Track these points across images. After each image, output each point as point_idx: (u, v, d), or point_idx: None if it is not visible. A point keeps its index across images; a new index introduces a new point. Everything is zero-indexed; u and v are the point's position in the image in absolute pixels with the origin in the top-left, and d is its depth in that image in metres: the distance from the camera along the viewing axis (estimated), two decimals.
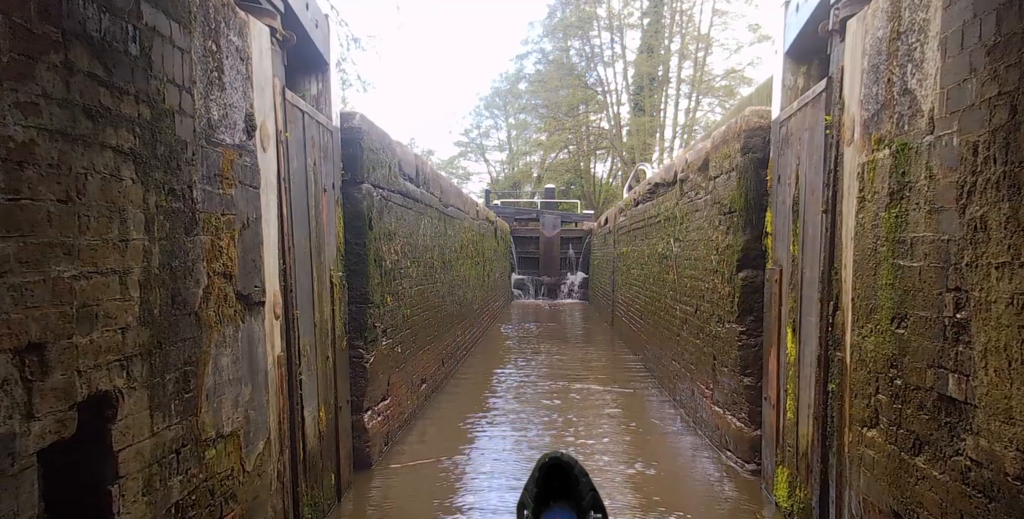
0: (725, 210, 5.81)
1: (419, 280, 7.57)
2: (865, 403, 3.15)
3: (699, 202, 6.92)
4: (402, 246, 6.69)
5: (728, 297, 5.68)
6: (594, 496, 3.41)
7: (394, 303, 6.32)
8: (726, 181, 5.83)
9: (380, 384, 5.83)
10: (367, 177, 5.49)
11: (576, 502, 3.43)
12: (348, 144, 5.32)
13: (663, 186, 9.13)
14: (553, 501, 3.50)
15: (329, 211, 4.85)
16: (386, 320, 6.01)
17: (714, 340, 6.15)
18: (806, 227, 4.18)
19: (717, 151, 6.12)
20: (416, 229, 7.46)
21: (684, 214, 7.69)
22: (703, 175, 6.78)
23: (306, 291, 4.23)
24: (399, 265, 6.55)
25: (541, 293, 25.99)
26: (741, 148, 5.39)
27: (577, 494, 3.42)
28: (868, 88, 3.21)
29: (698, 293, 6.85)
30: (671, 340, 8.34)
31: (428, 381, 8.08)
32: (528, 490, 3.44)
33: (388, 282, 6.08)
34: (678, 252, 8.02)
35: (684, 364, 7.51)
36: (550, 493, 3.50)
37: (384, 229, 5.98)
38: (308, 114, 4.40)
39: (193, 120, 2.73)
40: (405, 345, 6.79)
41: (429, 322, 8.18)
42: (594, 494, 3.41)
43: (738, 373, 5.45)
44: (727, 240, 5.75)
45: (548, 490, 3.49)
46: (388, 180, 6.16)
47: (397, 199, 6.53)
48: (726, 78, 37.99)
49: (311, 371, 4.27)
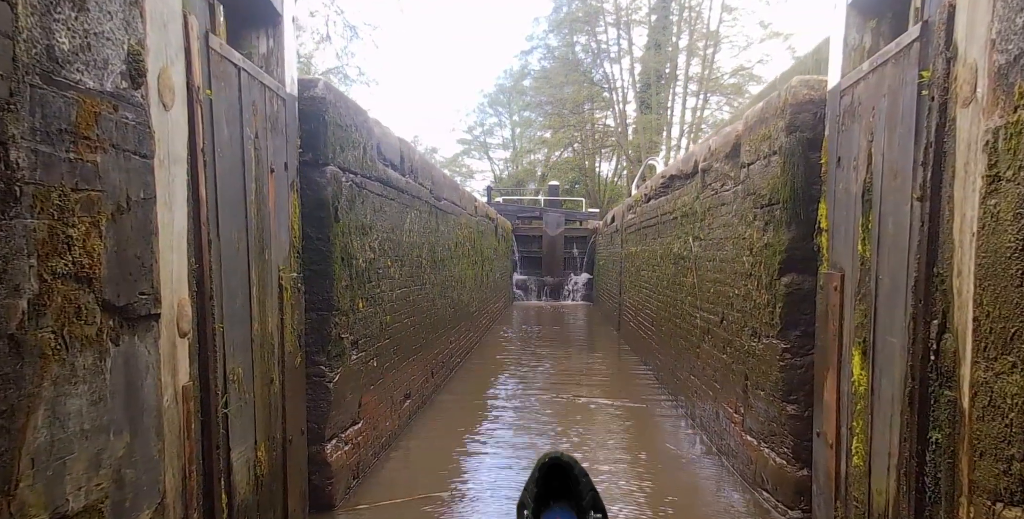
0: (763, 202, 4.86)
1: (403, 281, 6.63)
2: (1000, 468, 2.20)
3: (726, 194, 5.97)
4: (380, 242, 5.75)
5: (766, 306, 4.73)
6: (594, 496, 3.35)
7: (369, 309, 5.38)
8: (764, 168, 4.88)
9: (348, 406, 4.89)
10: (333, 158, 4.55)
11: (576, 502, 3.38)
12: (309, 117, 4.38)
13: (680, 178, 8.18)
14: (553, 501, 3.45)
15: (279, 197, 3.91)
16: (357, 329, 5.07)
17: (746, 356, 5.20)
18: (884, 221, 3.23)
19: (752, 133, 5.17)
20: (400, 223, 6.52)
21: (706, 209, 6.74)
22: (732, 163, 5.83)
23: (238, 298, 3.29)
24: (376, 264, 5.61)
25: (544, 294, 25.06)
26: (786, 126, 4.44)
27: (577, 494, 3.37)
28: (1006, 20, 2.26)
29: (725, 300, 5.90)
30: (689, 352, 7.39)
31: (414, 396, 7.14)
32: (528, 490, 3.39)
33: (361, 284, 5.14)
34: (698, 252, 7.07)
35: (705, 381, 6.56)
36: (550, 493, 3.44)
37: (356, 222, 5.04)
38: (248, 72, 3.47)
39: (10, 42, 1.80)
40: (383, 357, 5.85)
41: (415, 329, 7.24)
42: (594, 494, 3.36)
43: (779, 399, 4.50)
44: (765, 238, 4.80)
45: (548, 490, 3.43)
46: (362, 164, 5.22)
47: (375, 187, 5.59)
48: (734, 76, 37.14)
49: (245, 401, 3.34)
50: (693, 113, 36.99)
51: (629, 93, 37.83)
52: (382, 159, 5.85)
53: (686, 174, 7.77)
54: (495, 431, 6.97)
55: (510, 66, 50.92)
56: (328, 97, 4.46)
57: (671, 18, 36.54)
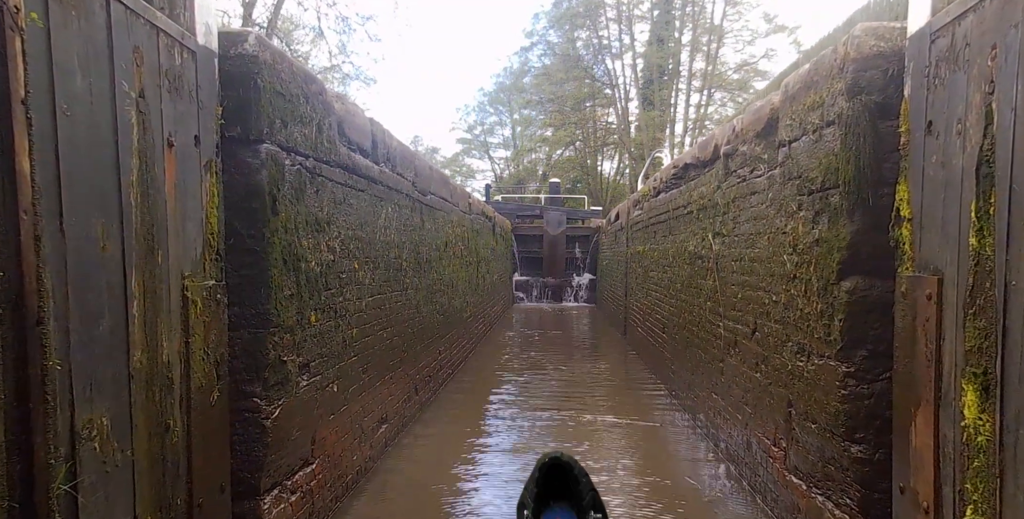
0: (812, 187, 3.89)
1: (376, 287, 5.67)
2: None
3: (757, 181, 5.00)
4: (344, 241, 4.79)
5: (818, 318, 3.75)
6: (594, 496, 3.32)
7: (326, 322, 4.42)
8: (813, 144, 3.90)
9: (296, 445, 3.92)
10: (270, 135, 3.59)
11: (576, 502, 3.34)
12: (236, 80, 3.42)
13: (696, 167, 7.21)
14: (553, 501, 3.43)
15: (184, 180, 2.94)
16: (309, 348, 4.10)
17: (790, 378, 4.23)
18: (1018, 204, 2.26)
19: (794, 103, 4.20)
20: (372, 219, 5.55)
21: (730, 200, 5.76)
22: (765, 143, 4.85)
23: (103, 319, 2.32)
24: (337, 267, 4.64)
25: (545, 296, 24.08)
26: (847, 89, 3.46)
27: (577, 494, 3.34)
28: None
29: (757, 307, 4.92)
30: (709, 365, 6.41)
31: (392, 420, 6.17)
32: (528, 490, 3.36)
33: (314, 293, 4.18)
34: (720, 251, 6.10)
35: (732, 402, 5.59)
36: (550, 493, 3.42)
37: (307, 215, 4.08)
38: (125, 5, 2.50)
39: None
40: (348, 379, 4.88)
41: (394, 342, 6.27)
42: (594, 494, 3.33)
43: (839, 436, 3.52)
44: (816, 232, 3.82)
45: (548, 490, 3.41)
46: (316, 145, 4.25)
47: (335, 174, 4.62)
48: (739, 71, 36.28)
49: (115, 463, 2.37)
50: (697, 110, 36.11)
51: (631, 90, 36.94)
52: (346, 142, 4.89)
53: (703, 162, 6.80)
54: (490, 460, 5.99)
55: (510, 64, 50.03)
56: (262, 56, 3.49)
57: (673, 13, 35.66)
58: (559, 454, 3.45)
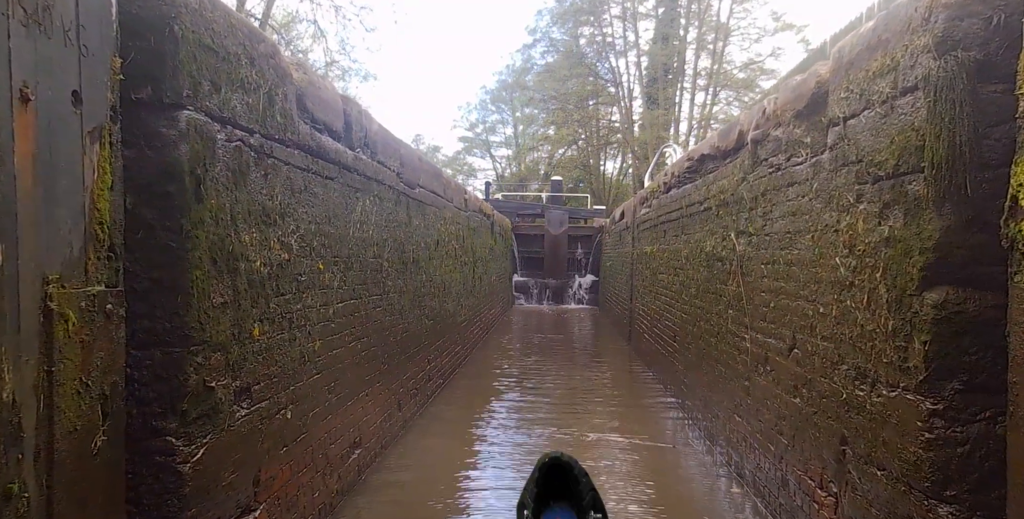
0: (880, 172, 3.10)
1: (349, 291, 4.88)
2: None
3: (797, 170, 4.22)
4: (304, 237, 4.01)
5: (891, 337, 2.97)
6: (594, 496, 3.24)
7: (277, 335, 3.63)
8: (881, 119, 3.12)
9: (231, 491, 3.13)
10: (195, 99, 2.81)
11: (576, 502, 3.27)
12: (143, 25, 2.64)
13: (714, 158, 6.42)
14: (553, 501, 3.35)
15: (48, 150, 2.16)
16: (251, 369, 3.32)
17: (845, 409, 3.44)
18: None
19: (852, 71, 3.41)
20: (344, 212, 4.78)
21: (759, 193, 4.98)
22: (808, 123, 4.07)
23: None
24: (294, 269, 3.86)
25: (546, 297, 23.29)
26: (936, 44, 2.67)
27: (577, 494, 3.27)
28: None
29: (798, 320, 4.13)
30: (732, 383, 5.62)
31: (368, 442, 5.38)
32: (528, 490, 3.28)
33: (259, 300, 3.39)
34: (746, 252, 5.31)
35: (761, 428, 4.80)
36: (550, 493, 3.34)
37: (250, 204, 3.30)
38: None
39: None
40: (308, 402, 4.09)
41: (371, 353, 5.49)
42: (594, 494, 3.25)
43: (921, 491, 2.73)
44: (885, 229, 3.04)
45: (548, 490, 3.33)
46: (265, 120, 3.47)
47: (292, 157, 3.84)
48: (745, 70, 35.53)
49: None
50: (702, 109, 35.35)
51: (635, 88, 36.19)
52: (308, 119, 4.11)
53: (725, 151, 6.01)
54: (481, 490, 5.21)
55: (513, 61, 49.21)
56: None
57: (679, 10, 34.88)
58: (559, 454, 3.38)
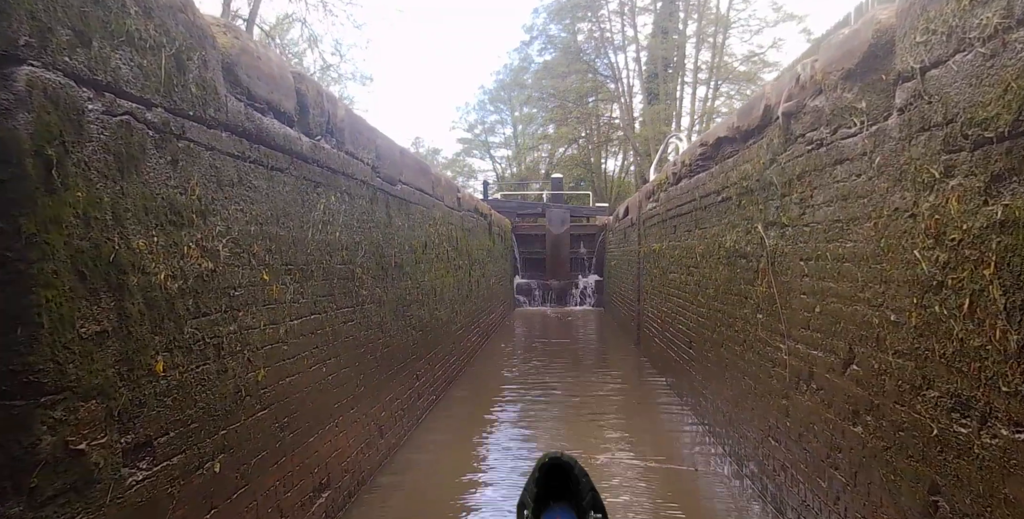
0: (989, 135, 2.28)
1: (309, 305, 4.09)
2: None
3: (849, 143, 3.42)
4: (236, 241, 3.21)
5: (1014, 357, 2.16)
6: (594, 496, 3.19)
7: (196, 367, 2.83)
8: (984, 64, 2.31)
9: None
10: (43, 52, 2.02)
11: (576, 502, 3.22)
12: None
13: (733, 141, 5.62)
14: (553, 501, 3.31)
15: None
16: (152, 417, 2.52)
17: (934, 448, 2.63)
18: None
19: (932, 7, 2.61)
20: (299, 211, 3.99)
21: (795, 176, 4.18)
22: (862, 85, 3.26)
23: None
24: (223, 281, 3.06)
25: (548, 299, 22.48)
26: None
27: (577, 494, 3.22)
28: None
29: (857, 329, 3.33)
30: (764, 400, 4.82)
31: (339, 481, 4.59)
32: (528, 490, 3.23)
33: (165, 324, 2.59)
34: (779, 246, 4.51)
35: (808, 459, 3.99)
36: (550, 493, 3.30)
37: (149, 198, 2.51)
38: None
39: None
40: (248, 446, 3.29)
41: (340, 377, 4.69)
42: (594, 494, 3.20)
43: None
44: (997, 210, 2.23)
45: (548, 490, 3.29)
46: (172, 90, 2.68)
47: (219, 141, 3.05)
48: (746, 63, 34.76)
49: None
50: (703, 103, 34.57)
51: (635, 84, 35.41)
52: (243, 95, 3.31)
53: (747, 132, 5.21)
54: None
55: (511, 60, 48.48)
56: None
57: (678, 3, 34.14)
58: (559, 454, 3.35)
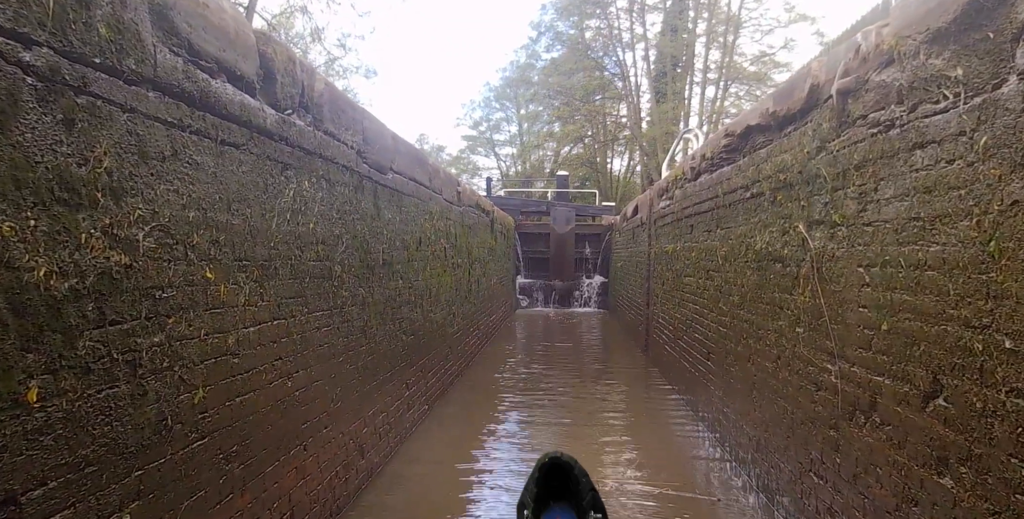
0: None
1: (271, 309, 3.43)
2: None
3: (936, 122, 2.74)
4: (166, 229, 2.55)
5: None
6: (594, 496, 3.21)
7: (97, 394, 2.17)
8: None
9: None
10: None
11: (576, 502, 3.24)
12: None
13: (767, 129, 4.94)
14: (553, 501, 3.32)
15: None
16: (20, 464, 1.86)
17: None
18: None
19: None
20: (260, 196, 3.32)
21: (852, 166, 3.50)
22: (958, 47, 2.58)
23: None
24: (141, 281, 2.40)
25: (551, 300, 21.79)
26: None
27: (577, 494, 3.23)
28: None
29: (949, 356, 2.65)
30: (805, 427, 4.14)
31: (308, 513, 3.92)
32: (528, 490, 3.23)
33: (42, 338, 1.94)
34: (827, 248, 3.82)
35: (869, 505, 3.30)
36: (550, 493, 3.32)
37: (24, 168, 1.85)
38: None
39: None
40: (173, 489, 2.63)
41: (314, 391, 4.02)
42: (594, 494, 3.22)
43: None
44: None
45: (548, 490, 3.31)
46: (67, 29, 2.02)
47: (143, 102, 2.39)
48: (756, 63, 34.11)
49: None
50: (713, 103, 33.89)
51: (643, 82, 34.73)
52: (182, 48, 2.65)
53: (785, 117, 4.53)
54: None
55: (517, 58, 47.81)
56: None
57: (688, 1, 33.49)
58: (559, 454, 3.31)
